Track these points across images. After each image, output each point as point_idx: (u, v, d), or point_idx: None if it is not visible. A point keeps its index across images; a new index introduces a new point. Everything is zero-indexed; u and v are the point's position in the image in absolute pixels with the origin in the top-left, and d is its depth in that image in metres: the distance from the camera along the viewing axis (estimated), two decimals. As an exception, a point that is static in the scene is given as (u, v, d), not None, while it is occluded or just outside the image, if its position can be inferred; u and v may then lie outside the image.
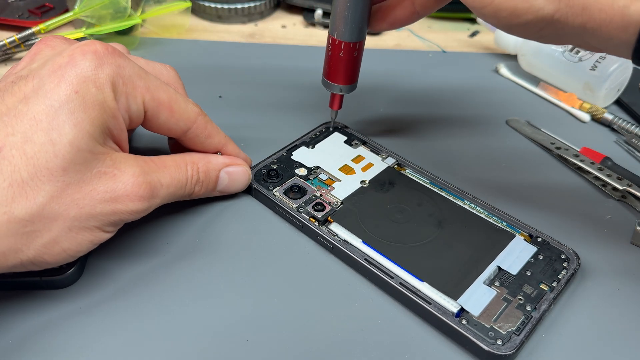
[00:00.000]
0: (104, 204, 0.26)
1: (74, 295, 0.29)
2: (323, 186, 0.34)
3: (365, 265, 0.30)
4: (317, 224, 0.32)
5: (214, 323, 0.28)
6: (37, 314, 0.28)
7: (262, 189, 0.34)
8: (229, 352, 0.27)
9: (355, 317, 0.28)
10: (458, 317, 0.27)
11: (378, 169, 0.36)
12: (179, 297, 0.29)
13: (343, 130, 0.39)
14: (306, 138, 0.38)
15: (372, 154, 0.38)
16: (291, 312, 0.29)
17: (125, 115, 0.27)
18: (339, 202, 0.33)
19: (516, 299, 0.28)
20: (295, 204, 0.33)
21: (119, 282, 0.29)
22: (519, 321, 0.27)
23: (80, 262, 0.29)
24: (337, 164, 0.36)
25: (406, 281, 0.29)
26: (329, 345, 0.27)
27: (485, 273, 0.30)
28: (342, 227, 0.32)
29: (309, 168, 0.36)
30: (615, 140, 0.42)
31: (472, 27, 0.56)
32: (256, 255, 0.31)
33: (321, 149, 0.38)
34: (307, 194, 0.34)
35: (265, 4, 0.54)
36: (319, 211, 0.32)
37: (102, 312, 0.28)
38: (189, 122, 0.30)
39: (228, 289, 0.29)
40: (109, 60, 0.26)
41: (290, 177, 0.35)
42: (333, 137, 0.39)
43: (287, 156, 0.37)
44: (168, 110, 0.29)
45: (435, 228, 0.32)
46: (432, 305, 0.28)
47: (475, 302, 0.28)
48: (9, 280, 0.28)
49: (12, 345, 0.26)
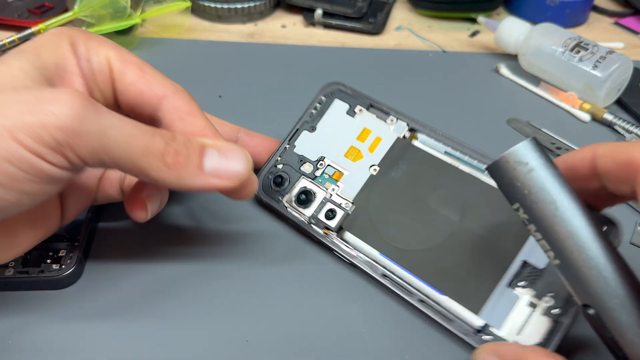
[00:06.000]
0: (27, 114, 0.20)
1: (73, 296, 0.29)
2: (331, 182, 0.32)
3: (383, 282, 0.29)
4: (331, 235, 0.31)
5: (213, 323, 0.28)
6: (36, 314, 0.28)
7: (272, 202, 0.32)
8: (229, 352, 0.27)
9: (355, 317, 0.28)
10: (480, 332, 0.26)
11: (387, 144, 0.33)
12: (178, 298, 0.29)
13: (344, 93, 0.35)
14: (306, 117, 0.35)
15: (378, 122, 0.34)
16: (291, 312, 0.28)
17: (85, 65, 0.25)
18: (349, 202, 0.32)
19: (542, 302, 0.26)
20: (308, 214, 0.31)
21: (119, 282, 0.29)
22: (547, 331, 0.25)
23: (80, 262, 0.29)
24: (342, 149, 0.33)
25: (426, 296, 0.28)
26: (329, 345, 0.27)
27: (510, 271, 0.27)
28: (356, 237, 0.30)
29: (314, 162, 0.33)
30: (615, 140, 0.42)
31: (472, 26, 0.56)
32: (259, 259, 0.31)
33: (323, 130, 0.34)
34: (317, 198, 0.32)
35: (265, 4, 0.54)
36: (331, 218, 0.31)
37: (101, 312, 0.28)
38: (165, 89, 0.26)
39: (228, 288, 0.29)
40: (75, 31, 0.25)
41: (296, 178, 0.33)
42: (334, 109, 0.34)
43: (290, 150, 0.34)
44: (138, 69, 0.25)
45: (455, 215, 0.30)
46: (454, 324, 0.27)
47: (499, 312, 0.27)
48: (9, 281, 0.28)
49: (11, 345, 0.26)
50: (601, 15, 0.58)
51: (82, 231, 0.31)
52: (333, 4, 0.53)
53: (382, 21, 0.54)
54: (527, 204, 0.22)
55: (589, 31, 0.55)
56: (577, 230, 0.22)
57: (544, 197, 0.22)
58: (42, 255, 0.30)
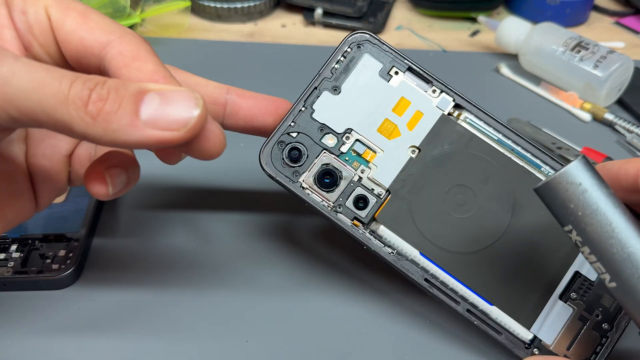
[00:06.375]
0: None
1: (72, 296, 0.28)
2: (361, 163, 0.27)
3: (427, 287, 0.26)
4: (362, 228, 0.26)
5: (213, 324, 0.28)
6: (36, 314, 0.27)
7: (286, 182, 0.26)
8: (229, 352, 0.26)
9: (355, 318, 0.28)
10: (529, 346, 0.25)
11: (429, 122, 0.27)
12: (179, 298, 0.29)
13: (375, 47, 0.28)
14: (326, 72, 0.27)
15: (419, 92, 0.27)
16: (291, 312, 0.28)
17: (20, 17, 0.22)
18: (383, 191, 0.27)
19: (593, 316, 0.25)
20: (332, 199, 0.26)
21: (118, 282, 0.29)
22: (594, 346, 0.25)
23: (80, 263, 0.29)
24: (375, 122, 0.27)
25: (474, 305, 0.25)
26: (329, 346, 0.27)
27: (562, 282, 0.26)
28: (393, 232, 0.26)
29: (339, 134, 0.27)
30: (616, 140, 0.42)
31: (472, 26, 0.56)
32: (259, 261, 0.31)
33: (350, 93, 0.27)
34: (344, 180, 0.26)
35: (264, 3, 0.54)
36: (362, 208, 0.26)
37: (101, 312, 0.28)
38: (110, 34, 0.22)
39: (228, 289, 0.29)
40: None
41: (317, 153, 0.26)
42: (364, 67, 0.27)
43: (307, 114, 0.27)
44: (79, 15, 0.22)
45: (506, 215, 0.26)
46: (503, 337, 0.25)
47: (550, 325, 0.25)
48: (8, 280, 0.28)
49: (11, 345, 0.26)
50: (602, 14, 0.58)
51: (81, 231, 0.31)
52: (333, 3, 0.53)
53: (382, 21, 0.54)
54: (581, 226, 0.21)
55: (590, 31, 0.55)
56: (635, 253, 0.21)
57: (599, 218, 0.21)
58: (42, 256, 0.30)
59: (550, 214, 0.22)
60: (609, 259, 0.21)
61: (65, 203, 0.32)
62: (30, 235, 0.31)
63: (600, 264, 0.21)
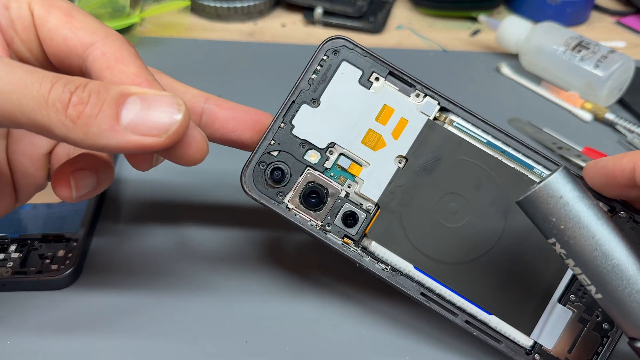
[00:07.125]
0: None
1: (72, 296, 0.28)
2: (347, 177, 0.26)
3: (423, 302, 0.25)
4: (353, 246, 0.25)
5: (213, 324, 0.28)
6: (35, 315, 0.27)
7: (271, 204, 0.25)
8: (229, 352, 0.26)
9: (354, 319, 0.28)
10: (530, 352, 0.25)
11: (415, 129, 0.26)
12: (178, 298, 0.29)
13: (353, 53, 0.26)
14: (304, 84, 0.26)
15: (401, 97, 0.26)
16: (291, 312, 0.28)
17: (2, 13, 0.22)
18: (372, 205, 0.26)
19: (593, 317, 0.25)
20: (320, 219, 0.25)
21: (118, 283, 0.29)
22: (596, 347, 0.25)
23: (79, 263, 0.29)
24: (358, 133, 0.26)
25: (472, 316, 0.25)
26: (328, 346, 0.27)
27: (561, 285, 0.26)
28: (385, 248, 0.26)
29: (322, 150, 0.26)
30: (617, 140, 0.42)
31: (473, 25, 0.55)
32: (258, 264, 0.31)
33: (329, 104, 0.26)
34: (331, 198, 0.26)
35: (264, 3, 0.54)
36: (351, 225, 0.25)
37: (100, 313, 0.28)
38: (94, 35, 0.22)
39: (228, 289, 0.29)
40: None
41: (300, 170, 0.26)
42: (342, 75, 0.26)
43: (287, 131, 0.26)
44: (63, 13, 0.22)
45: (500, 221, 0.26)
46: (503, 345, 0.25)
47: (550, 330, 0.25)
48: (7, 281, 0.28)
49: (10, 345, 0.26)
50: (602, 14, 0.58)
51: (80, 231, 0.31)
52: (333, 2, 0.53)
53: (383, 20, 0.54)
54: (564, 239, 0.21)
55: (590, 30, 0.55)
56: (620, 264, 0.21)
57: (582, 232, 0.21)
58: (41, 256, 0.29)
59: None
60: (593, 271, 0.21)
61: (64, 203, 0.32)
62: (30, 235, 0.30)
63: (585, 276, 0.21)
